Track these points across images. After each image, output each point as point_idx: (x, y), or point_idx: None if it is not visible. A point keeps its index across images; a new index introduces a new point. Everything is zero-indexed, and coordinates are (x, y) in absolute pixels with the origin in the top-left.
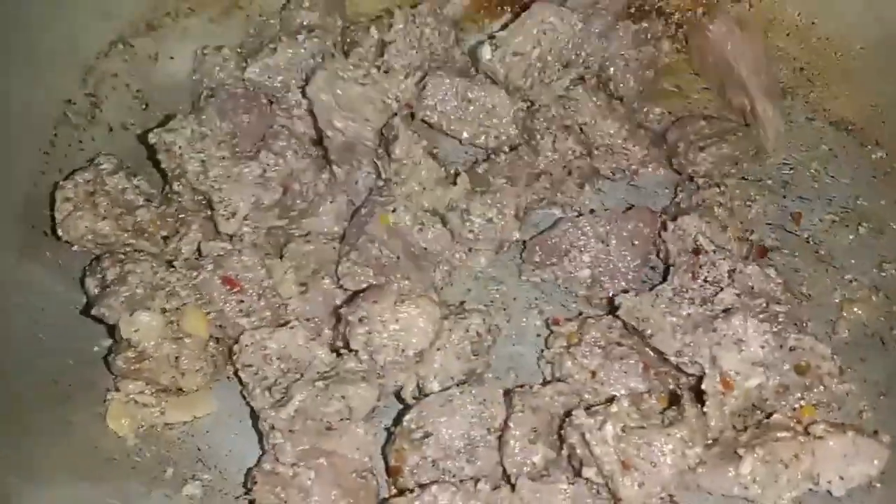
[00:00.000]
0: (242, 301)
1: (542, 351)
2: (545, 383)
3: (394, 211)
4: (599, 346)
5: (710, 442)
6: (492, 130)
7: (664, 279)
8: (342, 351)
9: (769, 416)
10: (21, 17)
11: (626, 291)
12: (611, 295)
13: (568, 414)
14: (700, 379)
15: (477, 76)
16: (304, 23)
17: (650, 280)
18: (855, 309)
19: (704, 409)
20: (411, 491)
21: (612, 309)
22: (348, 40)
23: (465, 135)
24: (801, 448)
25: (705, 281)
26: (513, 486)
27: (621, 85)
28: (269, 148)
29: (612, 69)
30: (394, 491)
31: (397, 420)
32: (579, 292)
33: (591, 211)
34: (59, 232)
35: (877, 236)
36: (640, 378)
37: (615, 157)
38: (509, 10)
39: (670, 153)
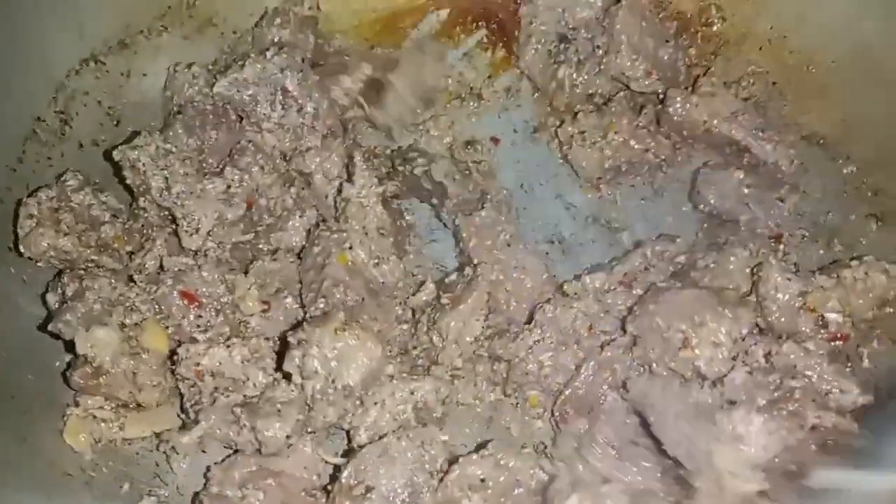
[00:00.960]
0: (201, 316)
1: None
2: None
3: (350, 248)
4: (612, 446)
5: None
6: None
7: None
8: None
9: None
10: None
11: None
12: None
13: None
14: None
15: None
16: (276, 39)
17: None
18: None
19: None
20: None
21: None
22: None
23: None
24: None
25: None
26: None
27: None
28: (234, 164)
29: None
30: None
31: (333, 477)
32: None
33: None
34: (21, 248)
35: (847, 252)
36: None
37: None
38: (484, 25)
39: None
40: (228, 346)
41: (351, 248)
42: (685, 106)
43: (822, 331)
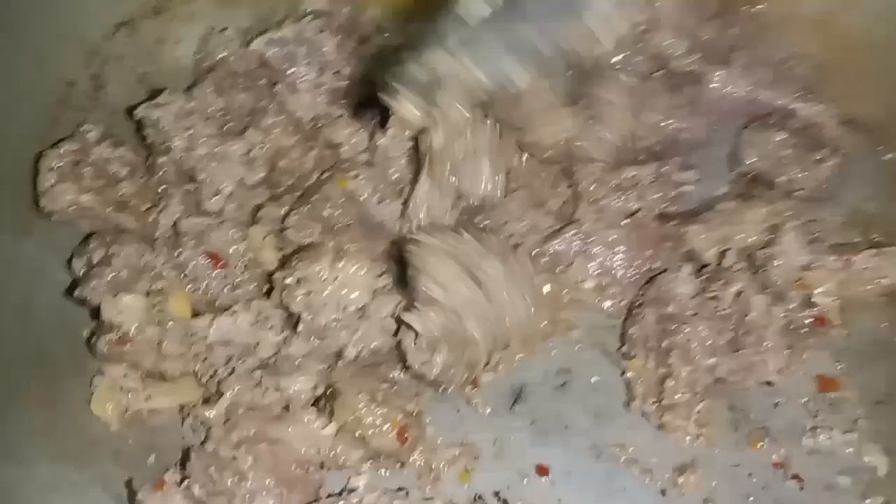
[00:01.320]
0: (227, 276)
1: None
2: None
3: (355, 177)
4: None
5: None
6: None
7: None
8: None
9: None
10: None
11: None
12: None
13: None
14: None
15: None
16: (311, 9)
17: None
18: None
19: None
20: None
21: None
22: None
23: None
24: None
25: None
26: None
27: None
28: (255, 125)
29: None
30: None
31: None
32: None
33: None
34: (42, 203)
35: (887, 241)
36: None
37: None
38: None
39: None
40: (233, 314)
41: (356, 177)
42: (727, 82)
43: (808, 310)
